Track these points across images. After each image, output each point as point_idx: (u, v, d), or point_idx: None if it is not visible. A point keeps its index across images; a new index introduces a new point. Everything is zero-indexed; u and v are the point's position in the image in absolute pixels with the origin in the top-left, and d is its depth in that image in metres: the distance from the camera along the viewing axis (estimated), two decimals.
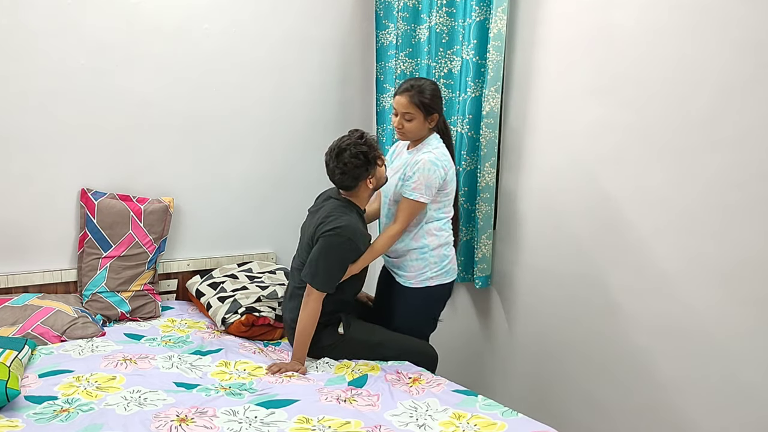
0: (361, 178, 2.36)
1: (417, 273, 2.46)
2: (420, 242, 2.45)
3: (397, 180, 2.45)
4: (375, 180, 2.41)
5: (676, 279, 2.19)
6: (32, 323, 2.44)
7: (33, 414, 1.85)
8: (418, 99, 2.38)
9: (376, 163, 2.38)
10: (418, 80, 2.45)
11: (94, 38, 2.74)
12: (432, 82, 2.47)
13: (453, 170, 2.46)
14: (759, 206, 1.96)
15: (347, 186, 2.39)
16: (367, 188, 2.43)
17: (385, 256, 2.58)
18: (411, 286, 2.48)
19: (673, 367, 2.23)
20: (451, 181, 2.45)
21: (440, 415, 1.94)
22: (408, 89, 2.40)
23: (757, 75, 1.93)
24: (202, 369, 2.26)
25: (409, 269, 2.48)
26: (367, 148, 2.34)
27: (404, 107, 2.40)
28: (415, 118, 2.41)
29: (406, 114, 2.41)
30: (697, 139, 2.10)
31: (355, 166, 2.32)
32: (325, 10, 3.34)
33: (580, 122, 2.47)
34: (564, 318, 2.60)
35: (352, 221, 2.36)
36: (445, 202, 2.47)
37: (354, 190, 2.42)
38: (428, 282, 2.47)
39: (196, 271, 3.11)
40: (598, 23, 2.38)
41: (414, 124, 2.42)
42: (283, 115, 3.28)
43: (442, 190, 2.43)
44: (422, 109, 2.39)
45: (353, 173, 2.34)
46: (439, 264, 2.46)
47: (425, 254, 2.45)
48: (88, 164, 2.81)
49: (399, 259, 2.51)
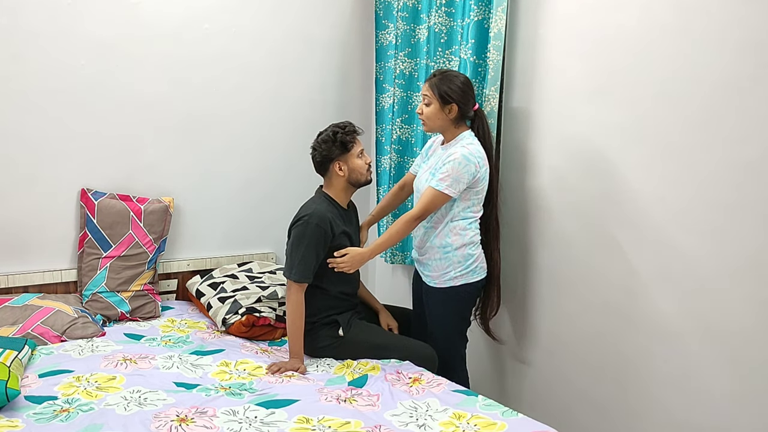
0: (329, 157, 2.44)
1: (441, 273, 2.45)
2: (444, 240, 2.42)
3: (429, 176, 2.44)
4: (347, 169, 2.45)
5: (675, 278, 2.19)
6: (32, 323, 2.44)
7: (33, 414, 1.85)
8: (435, 84, 2.40)
9: (347, 148, 2.43)
10: (449, 71, 2.47)
11: (94, 38, 2.74)
12: (462, 75, 2.46)
13: (486, 169, 2.42)
14: (758, 206, 1.96)
15: (318, 165, 2.49)
16: (338, 176, 2.47)
17: (414, 255, 2.58)
18: (436, 286, 2.47)
19: (672, 367, 2.23)
20: (483, 179, 2.41)
21: (440, 415, 1.94)
22: (432, 75, 2.44)
23: (757, 75, 1.93)
24: (203, 368, 2.27)
25: (433, 269, 2.47)
26: (341, 130, 2.44)
27: (423, 90, 2.44)
28: (431, 104, 2.41)
29: (425, 97, 2.43)
30: (696, 139, 2.10)
31: (323, 140, 2.45)
32: (325, 10, 3.34)
33: (580, 122, 2.47)
34: (564, 318, 2.60)
35: (319, 209, 2.39)
36: (474, 201, 2.43)
37: (327, 177, 2.50)
38: (453, 282, 2.44)
39: (196, 271, 3.12)
40: (598, 23, 2.38)
41: (430, 109, 2.41)
42: (283, 115, 3.28)
43: (473, 188, 2.39)
44: (438, 94, 2.38)
45: (321, 150, 2.45)
46: (463, 263, 2.43)
47: (448, 253, 2.42)
48: (88, 164, 2.81)
49: (424, 257, 2.50)
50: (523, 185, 2.73)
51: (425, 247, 2.48)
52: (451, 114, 2.41)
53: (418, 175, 2.57)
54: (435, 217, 2.44)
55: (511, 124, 2.76)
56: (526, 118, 2.69)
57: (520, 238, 2.76)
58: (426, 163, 2.58)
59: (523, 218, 2.74)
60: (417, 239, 2.54)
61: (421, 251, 2.52)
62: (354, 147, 2.45)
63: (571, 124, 2.50)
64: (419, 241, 2.52)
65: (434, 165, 2.45)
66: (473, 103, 2.46)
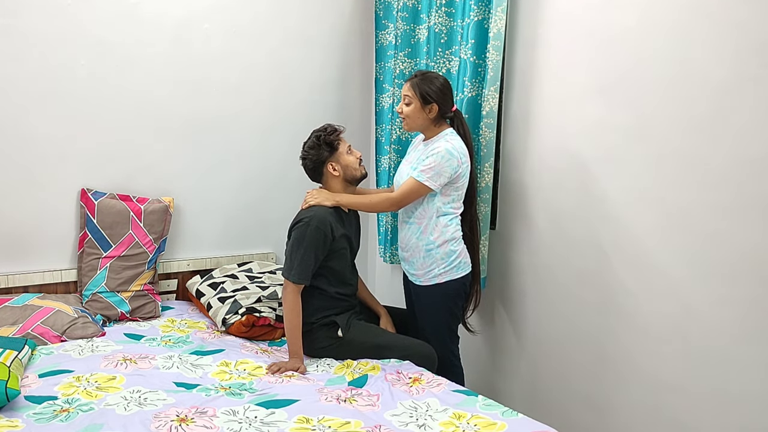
0: (320, 161, 2.46)
1: (425, 271, 2.48)
2: (427, 238, 2.45)
3: (410, 169, 2.47)
4: (341, 167, 2.47)
5: (675, 279, 2.19)
6: (32, 323, 2.44)
7: (33, 414, 1.85)
8: (416, 84, 2.45)
9: (335, 147, 2.46)
10: (429, 72, 2.53)
11: (94, 38, 2.74)
12: (442, 77, 2.51)
13: (468, 165, 2.46)
14: (758, 206, 1.96)
15: (311, 172, 2.51)
16: (334, 176, 2.49)
17: (400, 253, 2.60)
18: (422, 284, 2.51)
19: (672, 367, 2.23)
20: (464, 176, 2.45)
21: (440, 415, 1.94)
22: (413, 76, 2.49)
23: (757, 75, 1.93)
24: (203, 368, 2.27)
25: (417, 267, 2.50)
26: (323, 132, 2.47)
27: (404, 90, 2.48)
28: (411, 103, 2.45)
29: (405, 97, 2.47)
30: (696, 139, 2.10)
31: (310, 147, 2.48)
32: (325, 11, 3.34)
33: (580, 122, 2.47)
34: (563, 318, 2.60)
35: (319, 211, 2.40)
36: (454, 197, 2.46)
37: (323, 180, 2.52)
38: (438, 279, 2.47)
39: (196, 271, 3.12)
40: (598, 23, 2.38)
41: (411, 109, 2.46)
42: (283, 115, 3.28)
43: (453, 184, 2.43)
44: (419, 94, 2.43)
45: (311, 156, 2.47)
46: (446, 260, 2.46)
47: (431, 251, 2.45)
48: (88, 164, 2.81)
49: (408, 255, 2.53)
50: (523, 185, 2.73)
51: (409, 246, 2.52)
52: (431, 114, 2.46)
53: (399, 170, 2.60)
54: (416, 214, 2.47)
55: (510, 124, 2.76)
56: (525, 118, 2.69)
57: (519, 238, 2.76)
58: (405, 158, 2.62)
59: (522, 218, 2.74)
60: (401, 238, 2.58)
61: (405, 249, 2.55)
62: (341, 145, 2.48)
63: (571, 124, 2.50)
64: (403, 239, 2.56)
65: (415, 159, 2.49)
66: (452, 104, 2.52)
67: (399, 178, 2.55)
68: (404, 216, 2.54)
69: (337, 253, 2.45)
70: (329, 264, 2.44)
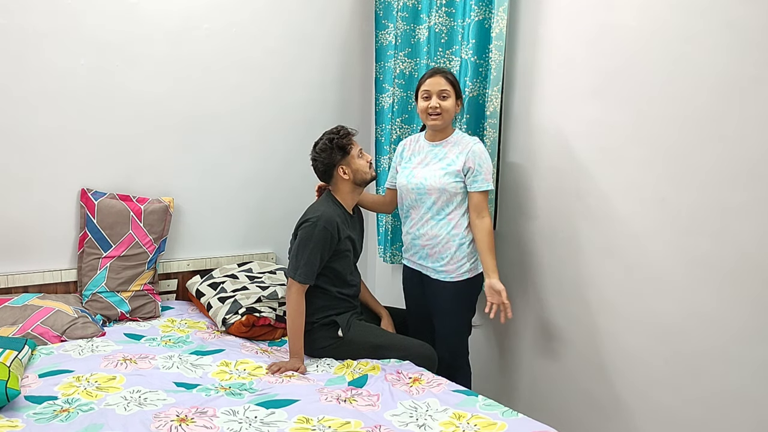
0: (331, 164, 2.45)
1: (457, 265, 2.46)
2: (461, 232, 2.45)
3: (440, 172, 2.45)
4: (351, 171, 2.46)
5: (675, 278, 2.19)
6: (32, 323, 2.44)
7: (33, 414, 1.85)
8: (451, 79, 2.47)
9: (347, 151, 2.45)
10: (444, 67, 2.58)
11: (94, 38, 2.74)
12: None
13: None
14: (757, 206, 1.96)
15: (322, 174, 2.51)
16: (343, 180, 2.48)
17: (419, 251, 2.56)
18: (452, 280, 2.48)
19: (672, 367, 2.23)
20: None
21: (440, 415, 1.94)
22: (440, 70, 2.49)
23: (757, 75, 1.93)
24: (203, 368, 2.27)
25: (447, 261, 2.47)
26: (336, 135, 2.46)
27: (441, 85, 2.46)
28: (450, 97, 2.46)
29: (443, 92, 2.45)
30: (696, 139, 2.10)
31: (322, 149, 2.46)
32: (325, 10, 3.34)
33: (580, 121, 2.47)
34: (563, 318, 2.60)
35: (327, 211, 2.40)
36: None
37: (332, 182, 2.51)
38: (468, 274, 2.48)
39: (196, 271, 3.12)
40: (599, 23, 2.38)
41: (449, 102, 2.46)
42: (283, 115, 3.29)
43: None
44: (455, 88, 2.47)
45: (322, 158, 2.46)
46: (474, 255, 2.49)
47: (463, 245, 2.46)
48: (88, 164, 2.81)
49: (437, 249, 2.49)
50: (523, 185, 2.73)
51: (438, 240, 2.47)
52: (459, 107, 2.51)
53: (415, 173, 2.53)
54: (450, 210, 2.46)
55: (511, 124, 2.76)
56: (526, 118, 2.69)
57: (521, 238, 2.76)
58: (414, 159, 2.56)
59: (524, 218, 2.74)
60: (426, 234, 2.50)
61: (433, 245, 2.50)
62: (353, 148, 2.48)
63: (572, 124, 2.50)
64: (429, 234, 2.49)
65: (437, 160, 2.48)
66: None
67: (418, 182, 2.48)
68: (433, 213, 2.48)
69: (341, 254, 2.45)
70: (332, 265, 2.44)
